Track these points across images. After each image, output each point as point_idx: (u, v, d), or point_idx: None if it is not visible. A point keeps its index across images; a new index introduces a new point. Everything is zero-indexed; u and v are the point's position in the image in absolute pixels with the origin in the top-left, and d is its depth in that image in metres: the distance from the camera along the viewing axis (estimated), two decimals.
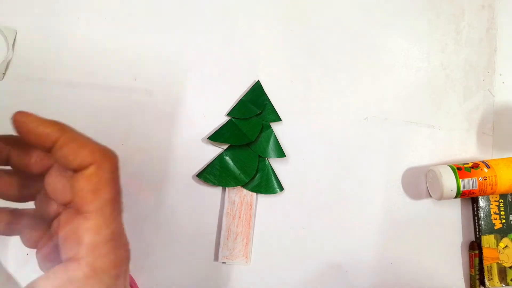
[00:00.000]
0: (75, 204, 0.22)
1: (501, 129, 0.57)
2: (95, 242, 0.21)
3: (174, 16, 0.50)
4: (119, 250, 0.22)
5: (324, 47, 0.53)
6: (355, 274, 0.52)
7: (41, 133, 0.22)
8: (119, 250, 0.22)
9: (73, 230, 0.22)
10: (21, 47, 0.46)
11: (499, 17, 0.58)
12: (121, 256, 0.22)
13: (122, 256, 0.22)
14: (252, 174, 0.49)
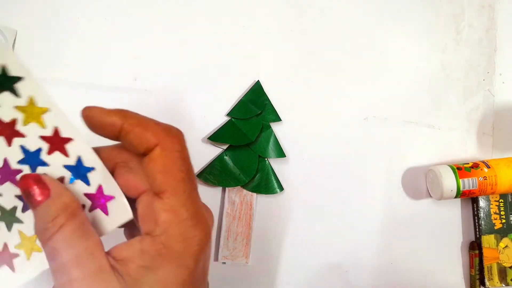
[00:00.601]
0: (151, 186, 0.22)
1: (501, 129, 0.57)
2: (169, 221, 0.21)
3: (174, 16, 0.50)
4: (196, 230, 0.22)
5: (324, 47, 0.53)
6: (355, 274, 0.52)
7: (107, 122, 0.23)
8: (196, 229, 0.22)
9: (150, 209, 0.22)
10: (21, 47, 0.46)
11: (499, 17, 0.58)
12: (198, 235, 0.22)
13: (199, 236, 0.22)
14: (252, 174, 0.49)
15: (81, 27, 0.48)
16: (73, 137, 0.24)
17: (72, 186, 0.24)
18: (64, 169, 0.24)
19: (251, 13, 0.52)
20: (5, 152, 0.23)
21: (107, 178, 0.24)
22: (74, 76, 0.47)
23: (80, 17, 0.48)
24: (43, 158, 0.24)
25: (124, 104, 0.48)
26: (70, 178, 0.24)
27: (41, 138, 0.23)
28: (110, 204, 0.24)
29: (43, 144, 0.23)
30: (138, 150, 0.22)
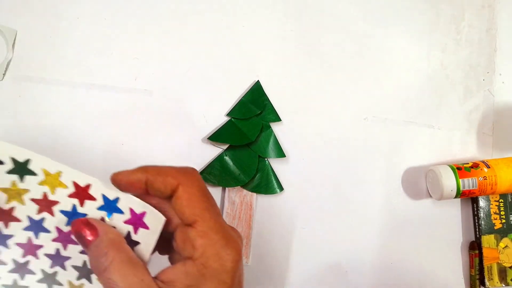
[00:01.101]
0: (182, 220, 0.26)
1: (501, 129, 0.57)
2: (204, 245, 0.25)
3: (174, 16, 0.50)
4: (228, 249, 0.26)
5: (324, 47, 0.53)
6: (355, 274, 0.52)
7: (133, 181, 0.27)
8: (227, 249, 0.26)
9: (186, 238, 0.26)
10: (21, 47, 0.46)
11: (499, 17, 0.58)
12: (231, 254, 0.26)
13: (231, 254, 0.26)
14: (252, 174, 0.49)
15: (81, 27, 0.48)
16: (89, 182, 0.27)
17: (112, 221, 0.28)
18: (98, 210, 0.28)
19: (251, 13, 0.52)
20: (54, 222, 0.28)
21: (132, 200, 0.27)
22: (74, 76, 0.47)
23: (80, 17, 0.48)
24: (80, 211, 0.28)
25: (124, 104, 0.48)
26: (107, 215, 0.28)
27: (70, 197, 0.27)
28: (146, 219, 0.27)
29: (73, 201, 0.27)
30: (165, 194, 0.27)
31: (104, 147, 0.46)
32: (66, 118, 0.46)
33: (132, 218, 0.28)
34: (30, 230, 0.28)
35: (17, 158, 0.26)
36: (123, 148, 0.47)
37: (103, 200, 0.27)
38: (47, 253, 0.29)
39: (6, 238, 0.28)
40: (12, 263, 0.29)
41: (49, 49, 0.47)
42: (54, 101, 0.46)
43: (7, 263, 0.28)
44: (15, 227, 0.28)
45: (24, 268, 0.29)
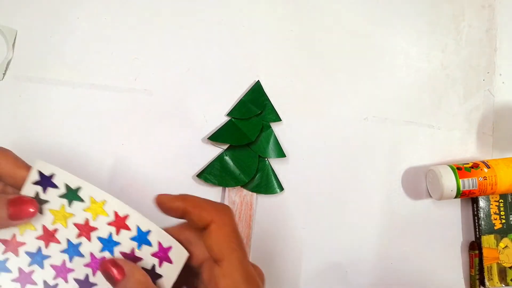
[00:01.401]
0: (210, 255, 0.28)
1: (501, 129, 0.57)
2: (227, 285, 0.27)
3: (174, 16, 0.50)
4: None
5: (324, 47, 0.53)
6: (355, 274, 0.52)
7: (173, 207, 0.29)
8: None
9: (212, 275, 0.28)
10: (21, 47, 0.46)
11: (499, 17, 0.58)
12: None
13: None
14: (252, 174, 0.49)
15: (81, 27, 0.48)
16: (128, 213, 0.29)
17: (141, 252, 0.30)
18: (131, 241, 0.30)
19: (251, 13, 0.52)
20: (89, 248, 0.30)
21: (161, 234, 0.29)
22: (74, 76, 0.47)
23: (80, 17, 0.48)
24: (114, 239, 0.30)
25: (124, 104, 0.48)
26: (137, 246, 0.30)
27: (108, 224, 0.29)
28: (171, 253, 0.29)
29: (111, 229, 0.30)
30: (198, 226, 0.28)
31: (104, 147, 0.46)
32: (66, 118, 0.46)
33: (159, 252, 0.30)
34: (66, 253, 0.30)
35: (70, 184, 0.29)
36: (123, 148, 0.47)
37: (137, 231, 0.30)
38: (76, 277, 0.30)
39: (44, 258, 0.29)
40: (42, 284, 0.30)
41: (49, 49, 0.47)
42: (54, 101, 0.46)
43: (37, 283, 0.30)
44: (54, 249, 0.30)
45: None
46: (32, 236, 0.29)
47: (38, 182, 0.29)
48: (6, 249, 0.29)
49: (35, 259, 0.29)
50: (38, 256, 0.29)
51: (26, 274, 0.29)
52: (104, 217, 0.29)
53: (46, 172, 0.29)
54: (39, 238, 0.29)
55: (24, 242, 0.29)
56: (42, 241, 0.29)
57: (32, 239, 0.29)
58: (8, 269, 0.29)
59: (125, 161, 0.47)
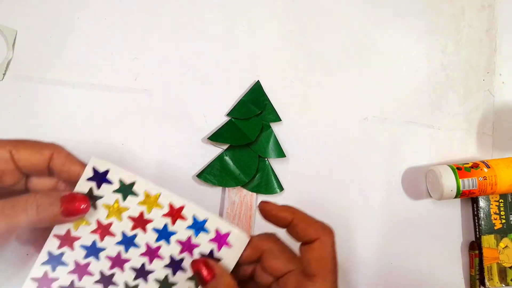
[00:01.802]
0: (304, 269, 0.29)
1: (501, 129, 0.57)
2: None
3: (174, 16, 0.50)
4: None
5: (324, 47, 0.53)
6: (355, 274, 0.52)
7: (280, 216, 0.30)
8: None
9: (301, 287, 0.28)
10: (21, 47, 0.46)
11: (499, 17, 0.58)
12: None
13: None
14: (252, 174, 0.49)
15: (81, 27, 0.48)
16: (184, 204, 0.30)
17: (198, 239, 0.31)
18: (188, 229, 0.31)
19: (251, 13, 0.52)
20: (145, 239, 0.31)
21: (219, 222, 0.30)
22: (74, 76, 0.47)
23: (80, 17, 0.48)
24: (170, 229, 0.30)
25: (124, 104, 0.48)
26: (194, 233, 0.30)
27: (163, 216, 0.30)
28: (230, 238, 0.30)
29: (166, 220, 0.30)
30: (300, 239, 0.30)
31: (103, 147, 0.46)
32: (65, 118, 0.46)
33: (217, 237, 0.31)
34: (121, 244, 0.31)
35: (125, 180, 0.30)
36: (123, 148, 0.47)
37: (193, 220, 0.30)
38: (133, 266, 0.31)
39: (99, 251, 0.30)
40: (98, 274, 0.31)
41: (49, 49, 0.47)
42: (54, 101, 0.46)
43: (93, 274, 0.30)
44: (109, 241, 0.30)
45: (109, 280, 0.31)
46: (86, 230, 0.30)
47: (92, 178, 0.30)
48: (61, 244, 0.30)
49: (90, 252, 0.30)
50: (93, 249, 0.30)
51: (82, 267, 0.30)
52: (159, 210, 0.30)
53: (101, 168, 0.30)
54: (94, 232, 0.30)
55: (79, 237, 0.30)
56: (96, 235, 0.30)
57: (87, 234, 0.30)
58: (64, 263, 0.30)
59: (125, 161, 0.47)
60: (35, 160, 0.29)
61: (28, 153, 0.29)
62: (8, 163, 0.28)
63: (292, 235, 0.30)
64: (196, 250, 0.31)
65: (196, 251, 0.31)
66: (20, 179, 0.30)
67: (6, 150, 0.28)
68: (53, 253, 0.30)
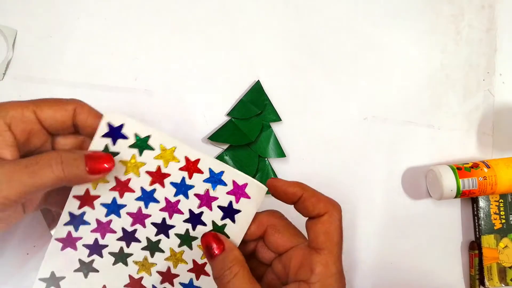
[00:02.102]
0: (311, 242, 0.30)
1: (501, 129, 0.57)
2: (323, 273, 0.28)
3: (174, 16, 0.50)
4: (339, 284, 0.28)
5: (324, 47, 0.53)
6: (355, 274, 0.52)
7: (290, 192, 0.31)
8: (339, 283, 0.28)
9: (307, 260, 0.29)
10: (21, 47, 0.46)
11: (499, 17, 0.58)
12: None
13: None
14: (252, 174, 0.49)
15: (81, 27, 0.48)
16: (199, 157, 0.30)
17: (216, 192, 0.31)
18: (205, 183, 0.30)
19: (251, 13, 0.52)
20: (163, 193, 0.30)
21: (236, 173, 0.30)
22: (74, 76, 0.47)
23: (80, 17, 0.48)
24: (188, 183, 0.30)
25: (124, 104, 0.48)
26: (212, 187, 0.30)
27: (180, 170, 0.30)
28: (247, 189, 0.31)
29: (183, 173, 0.30)
30: (309, 214, 0.30)
31: None
32: None
33: (235, 189, 0.31)
34: (141, 200, 0.30)
35: (140, 134, 0.29)
36: None
37: (209, 173, 0.30)
38: (153, 222, 0.31)
39: (120, 208, 0.30)
40: (120, 231, 0.31)
41: (49, 49, 0.47)
42: None
43: (116, 231, 0.30)
44: (129, 197, 0.30)
45: (131, 236, 0.31)
46: (105, 188, 0.30)
47: (107, 134, 0.29)
48: (81, 204, 0.30)
49: (111, 209, 0.30)
50: (113, 206, 0.30)
51: (104, 224, 0.30)
52: (176, 163, 0.30)
53: (116, 123, 0.29)
54: (113, 189, 0.30)
55: (99, 195, 0.30)
56: (116, 192, 0.30)
57: (106, 191, 0.30)
58: (86, 222, 0.30)
59: None
60: (60, 116, 0.28)
61: (52, 111, 0.28)
62: (34, 123, 0.28)
63: (301, 210, 0.31)
64: (215, 203, 0.31)
65: (215, 204, 0.31)
66: (47, 140, 0.30)
67: (30, 110, 0.28)
68: (74, 213, 0.30)
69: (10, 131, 0.27)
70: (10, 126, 0.27)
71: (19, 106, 0.28)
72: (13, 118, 0.27)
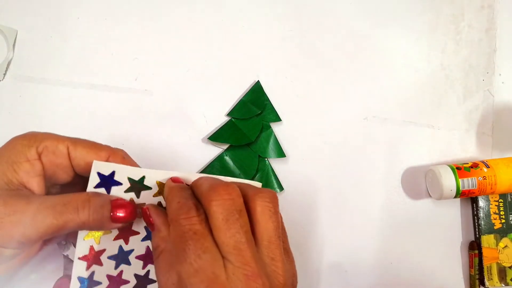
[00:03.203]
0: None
1: (501, 129, 0.57)
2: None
3: (174, 16, 0.50)
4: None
5: (324, 47, 0.53)
6: (355, 274, 0.52)
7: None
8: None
9: None
10: (21, 47, 0.46)
11: (499, 17, 0.58)
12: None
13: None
14: (252, 174, 0.49)
15: (81, 27, 0.48)
16: (192, 178, 0.29)
17: None
18: None
19: (251, 13, 0.52)
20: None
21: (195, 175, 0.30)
22: (74, 76, 0.47)
23: (80, 17, 0.48)
24: None
25: (124, 104, 0.48)
26: None
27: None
28: None
29: None
30: None
31: None
32: (66, 118, 0.46)
33: None
34: (147, 239, 0.29)
35: (133, 177, 0.28)
36: (123, 148, 0.47)
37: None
38: None
39: (128, 254, 0.29)
40: (134, 279, 0.29)
41: (49, 49, 0.47)
42: (54, 101, 0.46)
43: (129, 281, 0.29)
44: (134, 241, 0.29)
45: (145, 279, 0.29)
46: (109, 239, 0.29)
47: (99, 185, 0.28)
48: (88, 265, 0.28)
49: (119, 259, 0.29)
50: (121, 255, 0.29)
51: (115, 278, 0.29)
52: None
53: (106, 172, 0.28)
54: (117, 238, 0.29)
55: (104, 249, 0.29)
56: (121, 240, 0.29)
57: (111, 242, 0.29)
58: (97, 282, 0.28)
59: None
60: (90, 159, 0.28)
61: (85, 152, 0.28)
62: (65, 158, 0.28)
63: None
64: None
65: None
66: (72, 176, 0.29)
67: (65, 145, 0.28)
68: (83, 276, 0.28)
69: (40, 160, 0.27)
70: (41, 155, 0.27)
71: (55, 138, 0.28)
72: (45, 148, 0.27)
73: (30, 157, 0.27)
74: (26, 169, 0.26)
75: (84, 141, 0.29)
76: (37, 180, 0.27)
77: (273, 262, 0.25)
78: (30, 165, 0.27)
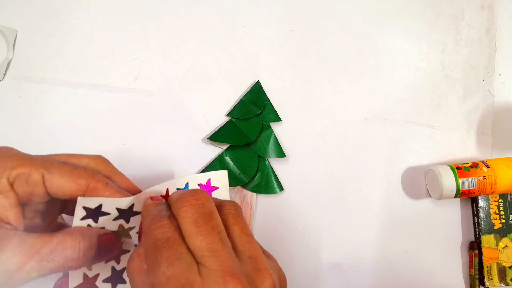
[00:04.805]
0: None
1: (500, 129, 0.57)
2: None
3: (174, 16, 0.50)
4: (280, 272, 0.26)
5: (324, 47, 0.53)
6: (355, 274, 0.52)
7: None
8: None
9: None
10: (21, 47, 0.46)
11: (499, 17, 0.58)
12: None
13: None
14: (252, 174, 0.49)
15: (81, 27, 0.48)
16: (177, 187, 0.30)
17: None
18: None
19: (251, 13, 0.52)
20: None
21: (196, 177, 0.31)
22: (74, 76, 0.47)
23: (80, 17, 0.48)
24: None
25: (124, 104, 0.48)
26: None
27: None
28: (213, 182, 0.31)
29: None
30: None
31: (104, 147, 0.46)
32: (66, 118, 0.46)
33: (205, 189, 0.31)
34: None
35: (121, 207, 0.28)
36: (123, 148, 0.47)
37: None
38: None
39: (122, 273, 0.29)
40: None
41: (49, 49, 0.47)
42: (54, 101, 0.46)
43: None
44: (126, 258, 0.29)
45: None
46: (101, 263, 0.28)
47: (86, 217, 0.27)
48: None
49: (114, 280, 0.29)
50: (115, 275, 0.29)
51: None
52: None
53: (92, 206, 0.27)
54: (108, 260, 0.29)
55: (98, 274, 0.28)
56: (112, 261, 0.29)
57: (102, 266, 0.28)
58: None
59: (125, 161, 0.47)
60: (67, 190, 0.26)
61: (63, 181, 0.26)
62: (39, 187, 0.26)
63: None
64: None
65: None
66: (48, 199, 0.27)
67: (39, 173, 0.25)
68: None
69: (13, 190, 0.25)
70: (13, 185, 0.25)
71: (28, 165, 0.25)
72: (17, 177, 0.25)
73: (2, 189, 0.24)
74: (0, 202, 0.24)
75: (60, 165, 0.26)
76: (14, 211, 0.25)
77: (253, 260, 0.24)
78: (4, 197, 0.24)
